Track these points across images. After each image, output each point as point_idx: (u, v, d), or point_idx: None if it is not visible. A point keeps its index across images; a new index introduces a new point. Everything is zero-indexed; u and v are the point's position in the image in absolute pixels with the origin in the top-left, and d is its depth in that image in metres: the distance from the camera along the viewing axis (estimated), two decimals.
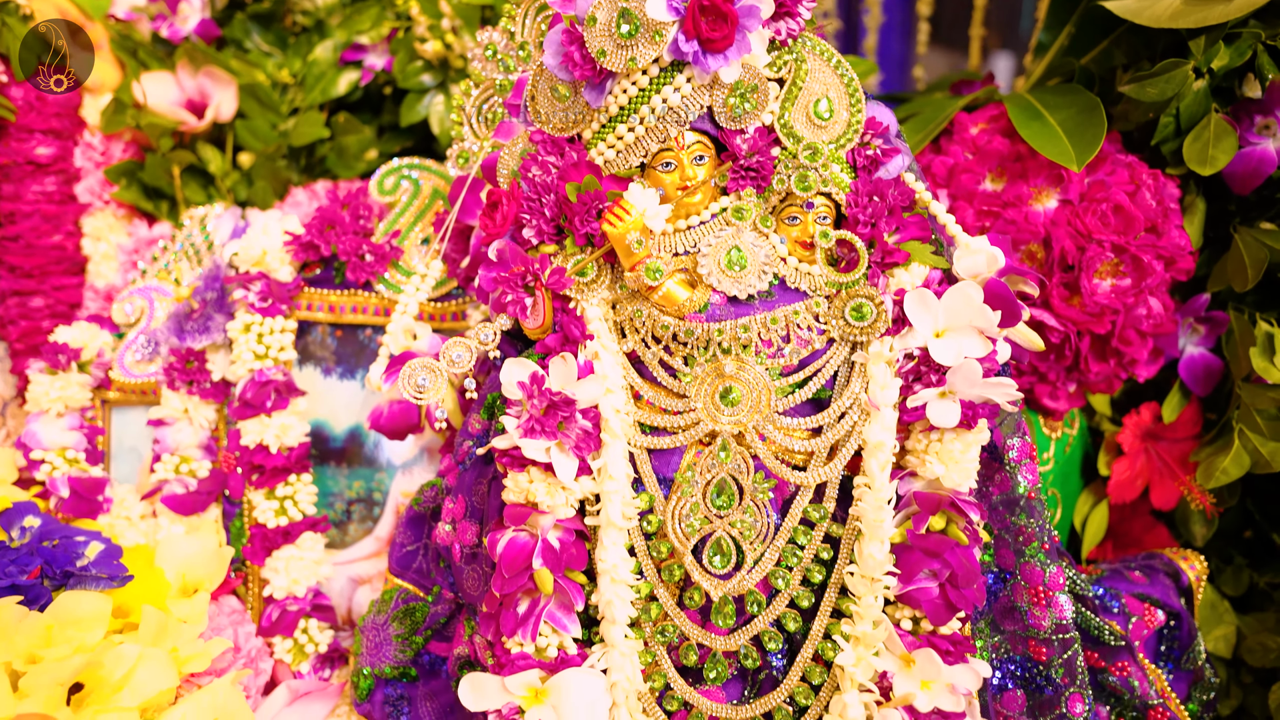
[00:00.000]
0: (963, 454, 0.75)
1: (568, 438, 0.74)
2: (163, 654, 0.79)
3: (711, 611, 0.75)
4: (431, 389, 0.74)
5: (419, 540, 0.89)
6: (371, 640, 0.88)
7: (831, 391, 0.78)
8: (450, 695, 0.87)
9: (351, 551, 1.00)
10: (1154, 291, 0.91)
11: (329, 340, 1.01)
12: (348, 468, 1.01)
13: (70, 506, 0.97)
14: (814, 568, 0.76)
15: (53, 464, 0.98)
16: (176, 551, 0.91)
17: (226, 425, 1.00)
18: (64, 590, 0.82)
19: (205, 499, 0.97)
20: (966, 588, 0.73)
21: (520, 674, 0.71)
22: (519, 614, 0.73)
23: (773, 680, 0.76)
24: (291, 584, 0.94)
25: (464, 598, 0.84)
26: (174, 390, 0.98)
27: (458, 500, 0.82)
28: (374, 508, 1.01)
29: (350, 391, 1.01)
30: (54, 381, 1.00)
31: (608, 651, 0.74)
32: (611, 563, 0.74)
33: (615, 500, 0.74)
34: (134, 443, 1.07)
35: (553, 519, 0.73)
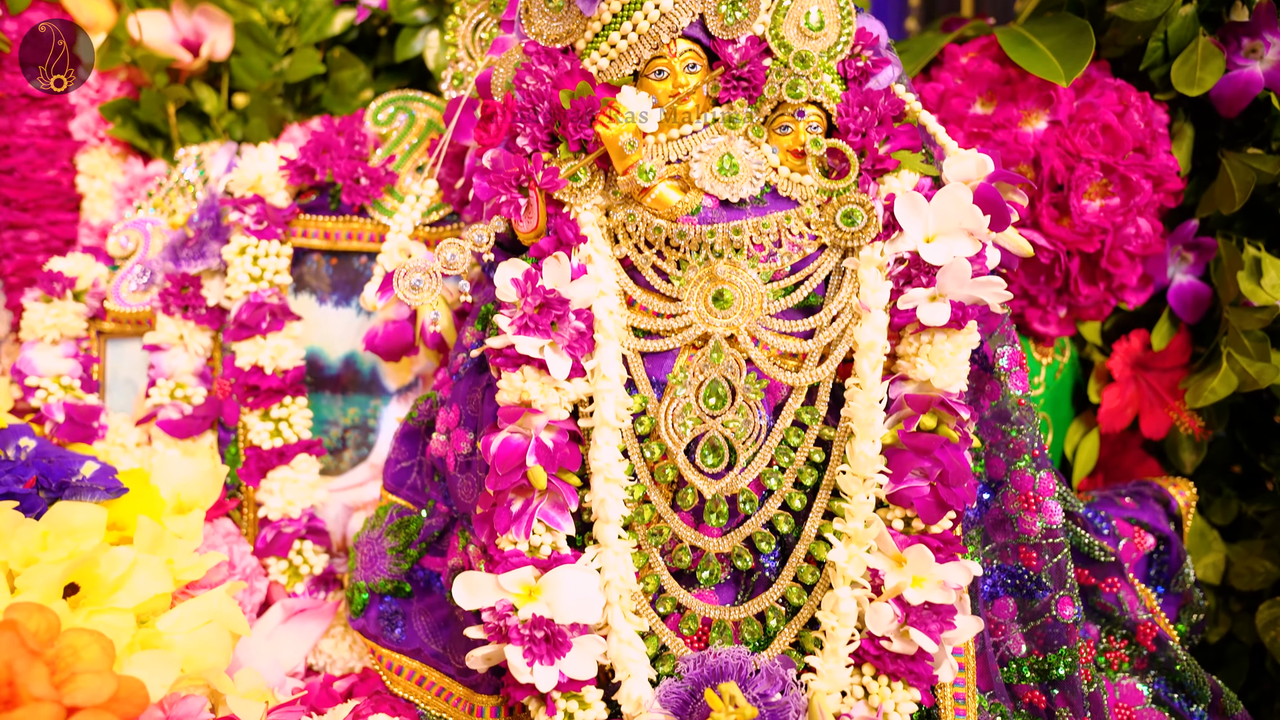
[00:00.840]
0: (953, 355, 0.75)
1: (561, 337, 0.74)
2: (158, 560, 0.79)
3: (704, 512, 0.75)
4: (426, 290, 0.75)
5: (413, 457, 0.90)
6: (366, 555, 0.88)
7: (823, 298, 0.78)
8: (444, 610, 0.87)
9: (346, 478, 1.01)
10: (1142, 211, 0.92)
11: (324, 268, 1.01)
12: (343, 395, 1.02)
13: (65, 432, 0.97)
14: (806, 470, 0.76)
15: (48, 390, 0.99)
16: (171, 471, 0.91)
17: (222, 352, 1.00)
18: (59, 501, 0.82)
19: (200, 424, 0.97)
20: (957, 486, 0.74)
21: (514, 571, 0.72)
22: (512, 512, 0.74)
23: (765, 582, 0.77)
24: (286, 505, 0.94)
25: (458, 508, 0.85)
26: (169, 315, 0.98)
27: (452, 410, 0.83)
28: (369, 435, 1.01)
29: (345, 319, 1.01)
30: (49, 309, 1.00)
31: (601, 551, 0.75)
32: (604, 462, 0.74)
33: (609, 400, 0.75)
34: (129, 375, 1.07)
35: (546, 419, 0.74)
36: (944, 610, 0.73)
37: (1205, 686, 0.89)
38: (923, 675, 0.72)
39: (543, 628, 0.70)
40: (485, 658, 0.73)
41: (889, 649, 0.72)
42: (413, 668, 0.84)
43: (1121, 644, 0.91)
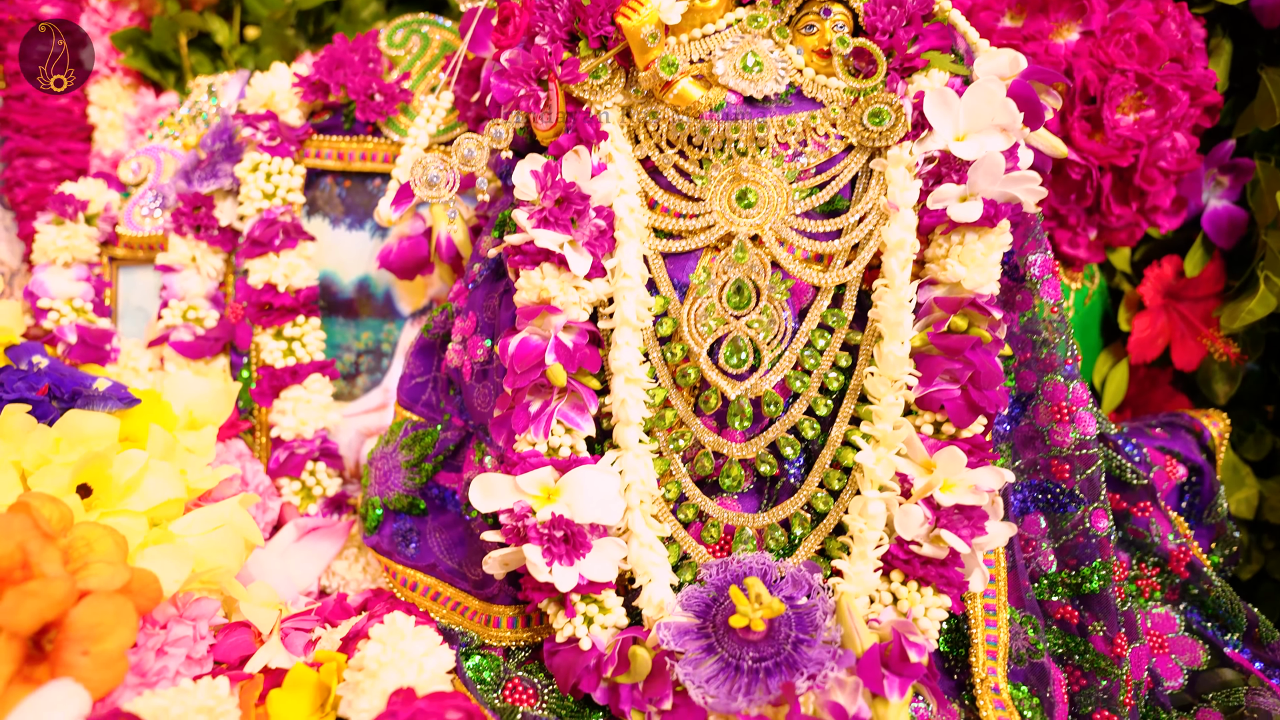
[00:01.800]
0: (985, 255, 0.73)
1: (581, 233, 0.72)
2: (170, 466, 0.78)
3: (727, 415, 0.73)
4: (443, 185, 0.73)
5: (428, 372, 0.88)
6: (380, 470, 0.86)
7: (849, 200, 0.76)
8: (460, 528, 0.86)
9: (360, 403, 0.99)
10: (1179, 125, 0.89)
11: (337, 191, 1.00)
12: (356, 320, 1.00)
13: (78, 353, 0.96)
14: (832, 374, 0.74)
15: (60, 312, 0.97)
16: (183, 389, 0.89)
17: (234, 275, 0.99)
18: (72, 410, 0.81)
19: (212, 345, 0.96)
20: (989, 388, 0.72)
21: (533, 472, 0.70)
22: (530, 413, 0.72)
23: (789, 489, 0.75)
24: (299, 425, 0.93)
25: (474, 420, 0.83)
26: (181, 236, 0.97)
27: (468, 317, 0.81)
28: (382, 359, 1.00)
29: (358, 242, 0.99)
30: (61, 231, 0.99)
31: (621, 454, 0.73)
32: (625, 362, 0.72)
33: (629, 299, 0.73)
34: (141, 302, 1.06)
35: (565, 318, 0.72)
36: (975, 515, 0.70)
37: (1240, 615, 0.87)
38: (953, 581, 0.70)
39: (562, 527, 0.68)
40: (502, 561, 0.71)
41: (919, 553, 0.70)
42: (427, 583, 0.83)
43: (1153, 572, 0.88)
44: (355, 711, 0.59)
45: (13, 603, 0.55)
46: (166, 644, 0.66)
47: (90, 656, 0.58)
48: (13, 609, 0.55)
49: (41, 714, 0.54)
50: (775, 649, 0.65)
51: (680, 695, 0.65)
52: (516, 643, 0.77)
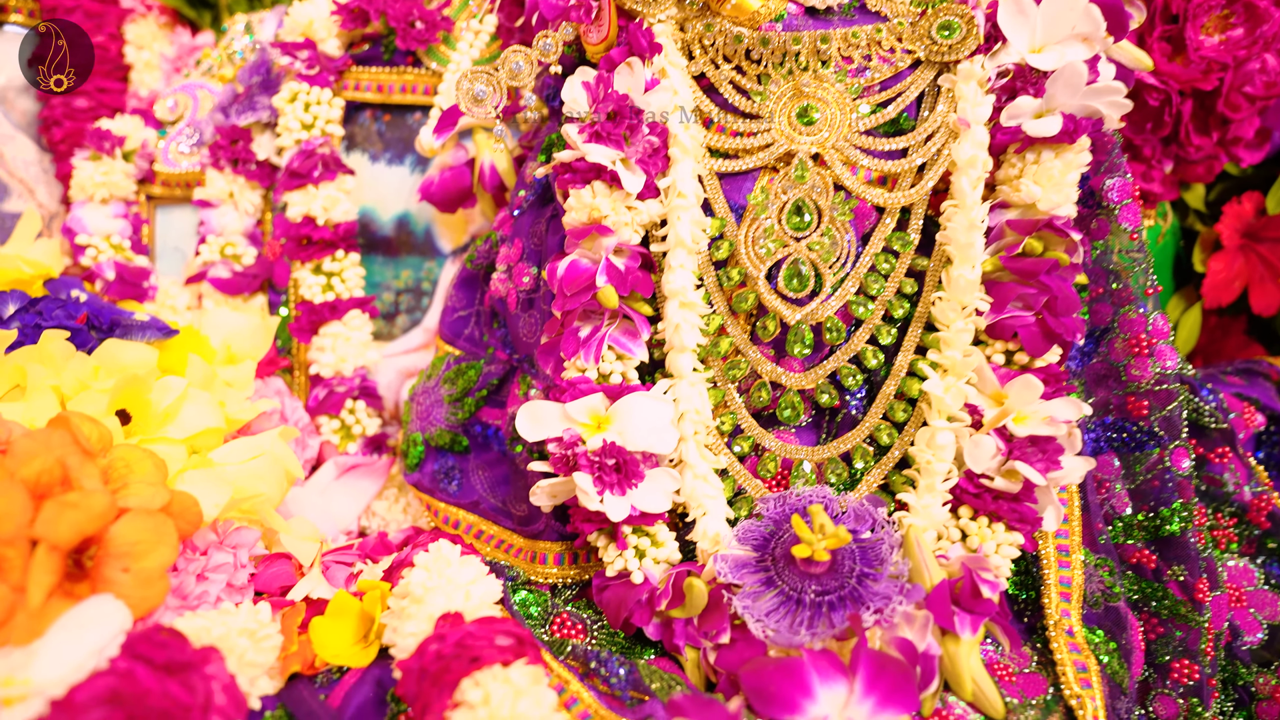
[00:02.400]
0: (1062, 174, 0.68)
1: (634, 149, 0.69)
2: (209, 396, 0.76)
3: (786, 343, 0.70)
4: (489, 102, 0.70)
5: (471, 305, 0.85)
6: (422, 405, 0.84)
7: (915, 120, 0.72)
8: (503, 466, 0.83)
9: (400, 343, 0.97)
10: (1269, 45, 0.84)
11: (376, 125, 0.97)
12: (395, 258, 0.98)
13: (115, 290, 0.95)
14: (896, 301, 0.70)
15: (98, 249, 0.96)
16: (221, 323, 0.88)
17: (272, 212, 0.97)
18: (110, 339, 0.79)
19: (251, 282, 0.94)
20: (1066, 314, 0.67)
21: (583, 399, 0.67)
22: (580, 337, 0.69)
23: (850, 421, 0.71)
24: (339, 362, 0.91)
25: (519, 352, 0.80)
26: (219, 170, 0.95)
27: (514, 245, 0.78)
28: (422, 298, 0.97)
29: (398, 178, 0.97)
30: (98, 167, 0.97)
31: (675, 383, 0.69)
32: (679, 285, 0.69)
33: (684, 219, 0.69)
34: (178, 242, 1.04)
35: (616, 239, 0.69)
36: (1050, 447, 0.66)
37: None
38: (1026, 517, 0.66)
39: (614, 455, 0.65)
40: (550, 491, 0.68)
41: (990, 487, 0.66)
42: (470, 521, 0.80)
43: (1230, 523, 0.83)
44: (401, 637, 0.57)
45: (52, 514, 0.53)
46: (207, 570, 0.64)
47: (131, 574, 0.56)
48: (52, 521, 0.53)
49: (82, 628, 0.52)
50: (839, 582, 0.62)
51: (739, 629, 0.62)
52: (563, 580, 0.75)
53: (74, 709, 0.45)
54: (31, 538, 0.53)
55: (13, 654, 0.51)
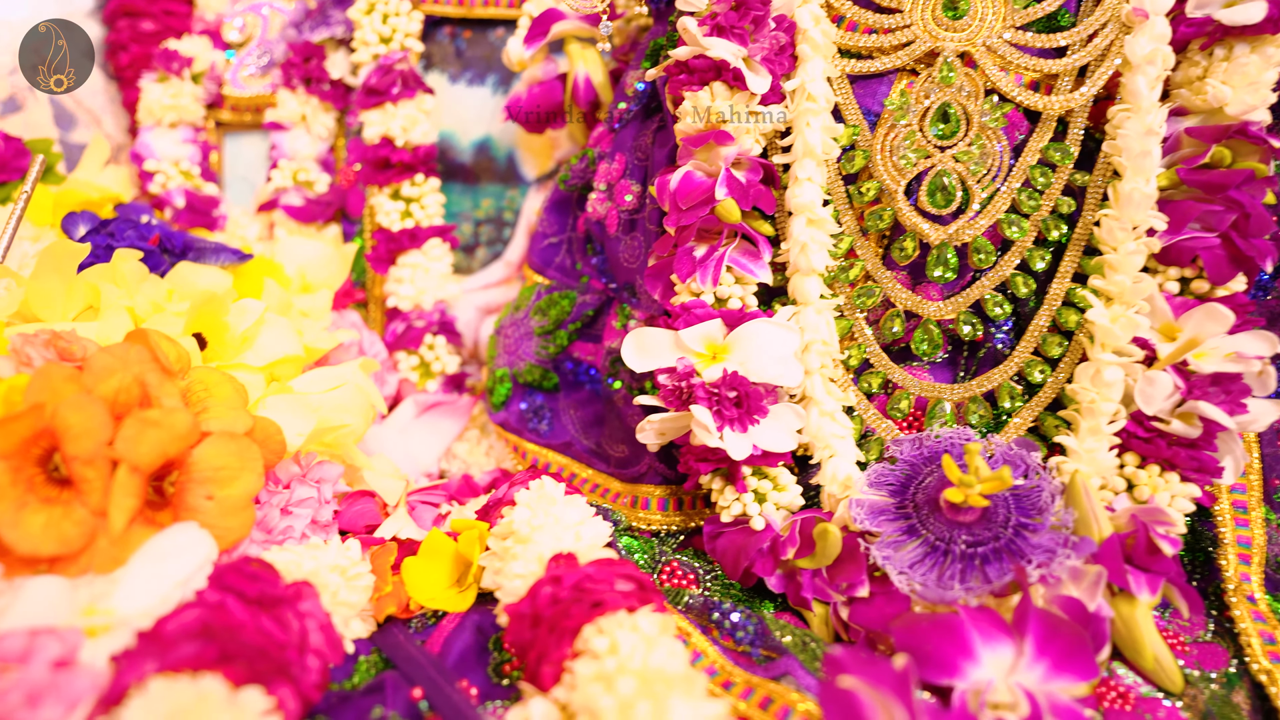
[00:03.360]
0: (1259, 71, 0.59)
1: (759, 45, 0.61)
2: (288, 322, 0.71)
3: (927, 267, 0.62)
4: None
5: (562, 232, 0.78)
6: (509, 339, 0.78)
7: (1075, 15, 0.63)
8: (596, 406, 0.77)
9: (479, 277, 0.91)
10: None
11: (456, 42, 0.90)
12: (475, 186, 0.91)
13: (185, 218, 0.90)
14: (1052, 222, 0.62)
15: (167, 175, 0.91)
16: (296, 251, 0.82)
17: (345, 137, 0.91)
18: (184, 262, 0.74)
19: (324, 209, 0.89)
20: (1257, 236, 0.58)
21: (700, 325, 0.60)
22: (696, 257, 0.62)
23: (994, 356, 0.63)
24: (418, 294, 0.85)
25: (617, 279, 0.73)
26: (291, 91, 0.89)
27: (615, 160, 0.71)
28: (504, 229, 0.91)
29: (479, 99, 0.90)
30: (166, 89, 0.92)
31: (800, 310, 0.62)
32: (807, 200, 0.62)
33: (814, 125, 0.61)
34: (246, 172, 0.99)
35: (736, 149, 0.61)
36: (1236, 388, 0.58)
37: None
38: (1206, 466, 0.58)
39: (735, 387, 0.58)
40: (659, 428, 0.62)
41: (1164, 430, 0.58)
42: (561, 463, 0.75)
43: None
44: (507, 579, 0.51)
45: (133, 432, 0.48)
46: (291, 504, 0.59)
47: (215, 502, 0.51)
48: (133, 439, 0.48)
49: (166, 557, 0.48)
50: (992, 533, 0.54)
51: (878, 582, 0.55)
52: (667, 527, 0.69)
53: (163, 642, 0.40)
54: (112, 458, 0.48)
55: (94, 582, 0.46)
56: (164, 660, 0.39)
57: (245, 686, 0.39)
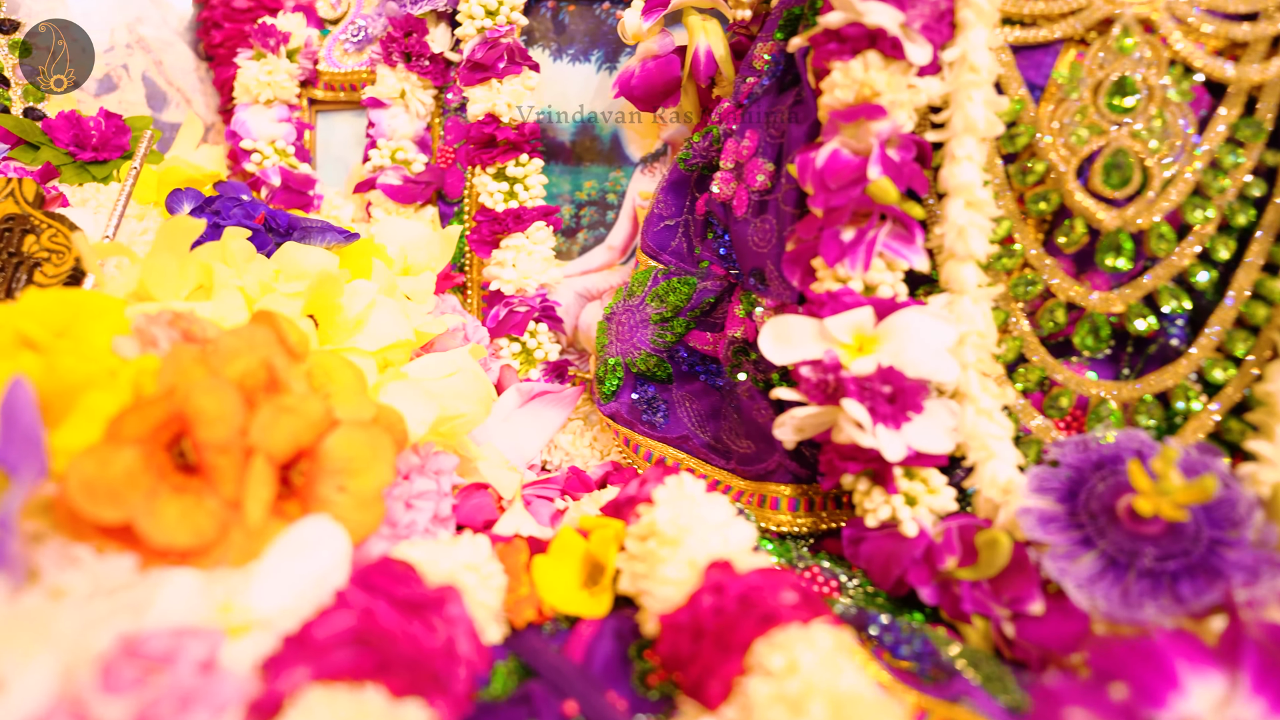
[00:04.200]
0: None
1: (918, 11, 0.56)
2: (397, 304, 0.68)
3: (1096, 254, 0.57)
4: None
5: (680, 214, 0.75)
6: (623, 326, 0.74)
7: None
8: (711, 398, 0.73)
9: (581, 262, 0.87)
10: None
11: (559, 16, 0.86)
12: (577, 166, 0.88)
13: (281, 198, 0.88)
14: (1238, 206, 0.56)
15: (263, 154, 0.89)
16: (397, 232, 0.80)
17: (443, 116, 0.88)
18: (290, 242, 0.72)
19: (423, 190, 0.86)
20: None
21: (848, 313, 0.56)
22: (844, 241, 0.57)
23: (1166, 353, 0.58)
24: (521, 279, 0.82)
25: (742, 264, 0.69)
26: (391, 66, 0.86)
27: (745, 137, 0.67)
28: (607, 212, 0.87)
29: (583, 76, 0.86)
30: (262, 66, 0.90)
31: (955, 299, 0.58)
32: (966, 180, 0.57)
33: (976, 99, 0.56)
34: (340, 152, 0.97)
35: (891, 124, 0.56)
36: None
37: None
38: None
39: (889, 381, 0.54)
40: (799, 424, 0.58)
41: None
42: (678, 458, 0.71)
43: None
44: (656, 584, 0.48)
45: (269, 419, 0.45)
46: (413, 496, 0.56)
47: (347, 494, 0.48)
48: (269, 427, 0.45)
49: (301, 552, 0.45)
50: (1183, 547, 0.49)
51: (1052, 598, 0.51)
52: (796, 528, 0.64)
53: (316, 648, 0.37)
54: (246, 446, 0.45)
55: (229, 577, 0.43)
56: (319, 668, 0.36)
57: (405, 698, 0.36)
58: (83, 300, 0.53)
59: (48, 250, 0.67)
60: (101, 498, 0.42)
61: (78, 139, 0.84)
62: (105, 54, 1.02)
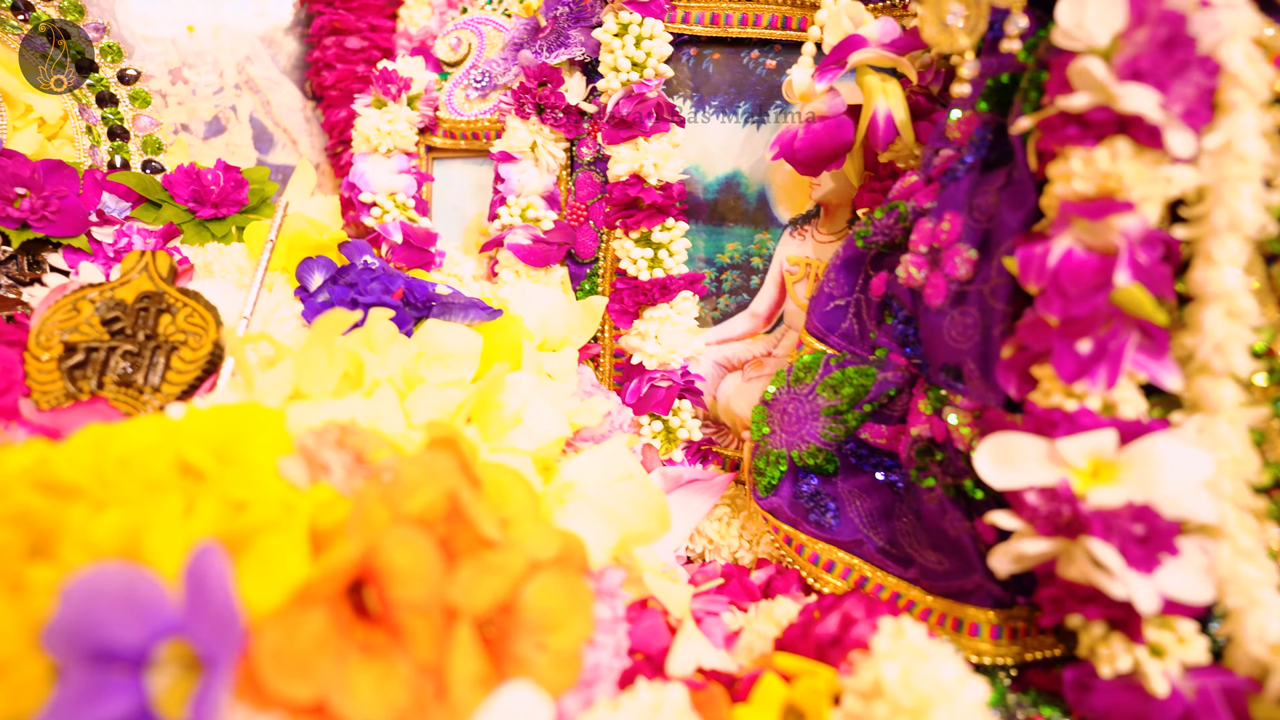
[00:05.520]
0: None
1: (1180, 92, 0.49)
2: (552, 393, 0.63)
3: None
4: (967, 26, 0.51)
5: (851, 293, 0.68)
6: (788, 415, 0.68)
7: None
8: (883, 496, 0.67)
9: (721, 329, 0.81)
10: None
11: (702, 64, 0.80)
12: (719, 226, 0.82)
13: (402, 255, 0.83)
14: None
15: (383, 208, 0.85)
16: (534, 301, 0.75)
17: (573, 170, 0.83)
18: (429, 319, 0.67)
19: (556, 252, 0.81)
20: None
21: (1085, 435, 0.49)
22: (1082, 353, 0.51)
23: None
24: (666, 353, 0.76)
25: (934, 356, 0.63)
26: (523, 118, 0.81)
27: (945, 220, 0.60)
28: (751, 276, 0.81)
29: (727, 130, 0.80)
30: (383, 115, 0.85)
31: (1209, 420, 0.51)
32: (1227, 286, 0.50)
33: (1244, 192, 0.49)
34: (455, 201, 0.92)
35: (1140, 221, 0.50)
36: None
37: None
38: None
39: (1142, 520, 0.47)
40: (1017, 556, 0.51)
41: None
42: (849, 563, 0.65)
43: None
44: None
45: (471, 579, 0.40)
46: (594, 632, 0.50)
47: (546, 652, 0.43)
48: (471, 587, 0.40)
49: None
50: None
51: None
52: (999, 659, 0.58)
53: None
54: (446, 607, 0.40)
55: None
56: None
57: None
58: (241, 416, 0.49)
59: (185, 332, 0.63)
60: (293, 671, 0.38)
61: (197, 194, 0.80)
62: (214, 96, 0.99)
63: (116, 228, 0.75)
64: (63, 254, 0.73)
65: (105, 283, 0.66)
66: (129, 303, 0.64)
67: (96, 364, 0.61)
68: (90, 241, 0.73)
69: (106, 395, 0.59)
